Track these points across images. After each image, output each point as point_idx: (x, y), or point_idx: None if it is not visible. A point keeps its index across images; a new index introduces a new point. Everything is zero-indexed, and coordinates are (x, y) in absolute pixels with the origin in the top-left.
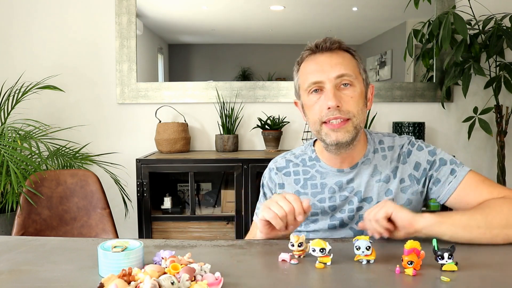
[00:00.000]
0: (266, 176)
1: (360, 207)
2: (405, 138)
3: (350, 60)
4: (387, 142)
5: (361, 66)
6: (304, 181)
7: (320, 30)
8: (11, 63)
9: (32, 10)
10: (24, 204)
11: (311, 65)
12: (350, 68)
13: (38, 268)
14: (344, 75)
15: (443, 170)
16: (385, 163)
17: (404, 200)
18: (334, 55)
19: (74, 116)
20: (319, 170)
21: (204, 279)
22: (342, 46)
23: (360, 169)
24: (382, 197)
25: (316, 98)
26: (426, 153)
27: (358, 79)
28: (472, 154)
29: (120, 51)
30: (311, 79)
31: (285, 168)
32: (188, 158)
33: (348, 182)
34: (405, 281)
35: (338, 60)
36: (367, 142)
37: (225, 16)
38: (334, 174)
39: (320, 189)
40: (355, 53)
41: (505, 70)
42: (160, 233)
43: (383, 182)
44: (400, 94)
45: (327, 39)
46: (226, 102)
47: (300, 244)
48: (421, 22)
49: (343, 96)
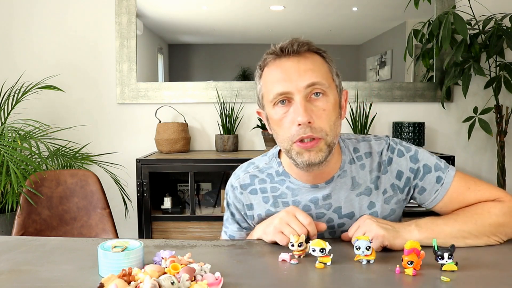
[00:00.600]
0: (230, 195)
1: (342, 223)
2: (383, 142)
3: (322, 64)
4: (363, 148)
5: (334, 70)
6: (274, 199)
7: (320, 30)
8: (11, 63)
9: (32, 10)
10: (24, 204)
11: (275, 72)
12: (322, 75)
13: (38, 268)
14: (316, 84)
15: (428, 179)
16: (364, 174)
17: (388, 211)
18: (302, 60)
19: (74, 116)
20: (289, 187)
21: (204, 279)
22: (311, 48)
23: (336, 183)
24: (365, 211)
25: (283, 112)
26: (408, 159)
27: (331, 86)
28: (472, 154)
29: (120, 51)
30: (277, 89)
31: (250, 185)
32: (188, 158)
33: (324, 198)
34: (405, 281)
35: (307, 66)
36: (341, 152)
37: (225, 16)
38: (308, 191)
39: None
40: (326, 55)
41: (505, 70)
42: (160, 233)
43: (365, 195)
44: (400, 94)
45: (293, 40)
46: (226, 102)
47: (300, 244)
48: (421, 22)
49: (314, 109)
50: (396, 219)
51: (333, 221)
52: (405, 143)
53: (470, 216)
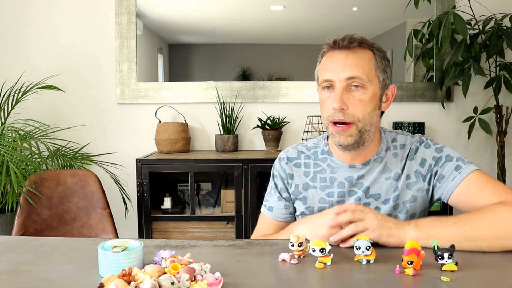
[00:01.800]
0: (276, 167)
1: (368, 203)
2: (416, 136)
3: (368, 60)
4: (400, 140)
5: (381, 66)
6: (313, 174)
7: (320, 30)
8: (11, 63)
9: (32, 10)
10: (24, 204)
11: (327, 62)
12: (363, 70)
13: (38, 268)
14: (355, 78)
15: (447, 166)
16: (395, 161)
17: (409, 197)
18: (350, 55)
19: (74, 116)
20: (330, 164)
21: (204, 279)
22: (362, 44)
23: (372, 166)
24: (391, 194)
25: (327, 96)
26: (433, 150)
27: (372, 81)
28: (472, 154)
29: (120, 51)
30: (324, 76)
31: (296, 159)
32: (188, 158)
33: (358, 178)
34: (405, 281)
35: (352, 61)
36: (381, 140)
37: (225, 16)
38: (346, 170)
39: (329, 183)
40: (377, 52)
41: (505, 70)
42: (160, 233)
43: (393, 180)
44: (400, 94)
45: (346, 36)
46: (226, 102)
47: (300, 244)
48: (421, 22)
49: (351, 98)
50: (417, 208)
51: (359, 200)
52: (436, 142)
53: (473, 220)
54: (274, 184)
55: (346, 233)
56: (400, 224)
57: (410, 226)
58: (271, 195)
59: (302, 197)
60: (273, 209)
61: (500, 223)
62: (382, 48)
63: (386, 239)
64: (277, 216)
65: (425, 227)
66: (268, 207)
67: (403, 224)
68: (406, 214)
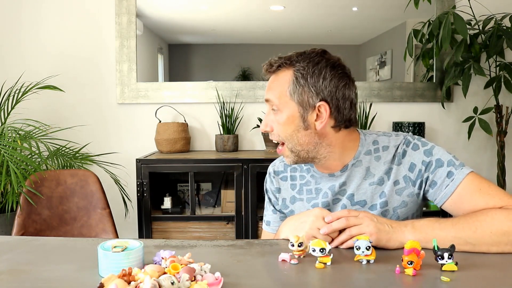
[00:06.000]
0: (267, 180)
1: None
2: (401, 137)
3: (283, 83)
4: (382, 142)
5: (301, 86)
6: (300, 187)
7: (320, 30)
8: (11, 63)
9: (32, 10)
10: (24, 204)
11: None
12: (274, 94)
13: (38, 268)
14: (269, 101)
15: (439, 172)
16: (378, 165)
17: (399, 202)
18: (272, 78)
19: (74, 116)
20: (313, 175)
21: (204, 279)
22: (282, 66)
23: (351, 171)
24: (377, 199)
25: None
26: (422, 153)
27: (286, 104)
28: (472, 154)
29: (120, 51)
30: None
31: (282, 172)
32: (188, 158)
33: (341, 186)
34: (405, 281)
35: (270, 84)
36: (360, 143)
37: (225, 16)
38: (327, 179)
39: (315, 195)
40: (301, 70)
41: (505, 70)
42: (160, 233)
43: (377, 185)
44: (400, 94)
45: (272, 60)
46: (226, 102)
47: (300, 244)
48: (421, 22)
49: (274, 120)
50: (409, 212)
51: (345, 207)
52: (423, 139)
53: (471, 223)
54: (268, 198)
55: (343, 239)
56: (396, 226)
57: (407, 229)
58: (267, 209)
59: (289, 211)
60: (270, 223)
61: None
62: (316, 62)
63: (385, 243)
64: (275, 230)
65: (423, 229)
66: (266, 222)
67: (400, 226)
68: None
